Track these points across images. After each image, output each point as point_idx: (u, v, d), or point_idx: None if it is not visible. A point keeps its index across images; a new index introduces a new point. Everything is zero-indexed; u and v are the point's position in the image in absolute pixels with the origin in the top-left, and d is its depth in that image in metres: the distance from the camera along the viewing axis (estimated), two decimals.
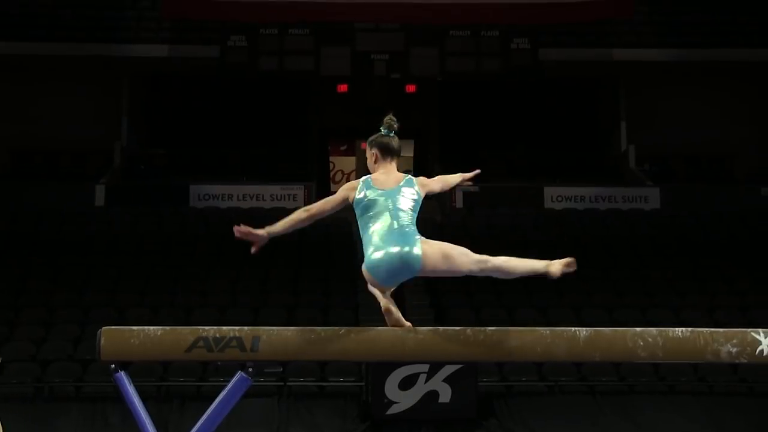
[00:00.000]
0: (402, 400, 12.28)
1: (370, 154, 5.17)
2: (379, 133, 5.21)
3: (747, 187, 19.81)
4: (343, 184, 5.29)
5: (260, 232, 4.85)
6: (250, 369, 4.83)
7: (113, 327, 4.92)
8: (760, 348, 4.80)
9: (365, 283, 5.02)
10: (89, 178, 19.60)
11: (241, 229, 4.86)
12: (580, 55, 20.32)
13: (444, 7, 19.47)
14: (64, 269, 15.72)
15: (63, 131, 20.73)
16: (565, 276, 4.95)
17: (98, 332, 4.85)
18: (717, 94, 21.65)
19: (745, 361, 4.85)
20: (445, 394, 12.27)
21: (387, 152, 5.15)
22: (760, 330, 4.84)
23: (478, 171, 5.36)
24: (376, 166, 5.15)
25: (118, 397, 5.07)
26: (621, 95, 21.43)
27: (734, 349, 4.80)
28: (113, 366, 4.86)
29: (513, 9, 19.40)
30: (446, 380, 12.28)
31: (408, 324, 4.95)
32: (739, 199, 19.05)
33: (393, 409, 12.31)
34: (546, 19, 19.73)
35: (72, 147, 21.01)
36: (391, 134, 5.19)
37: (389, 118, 5.23)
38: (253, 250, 4.89)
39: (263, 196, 19.11)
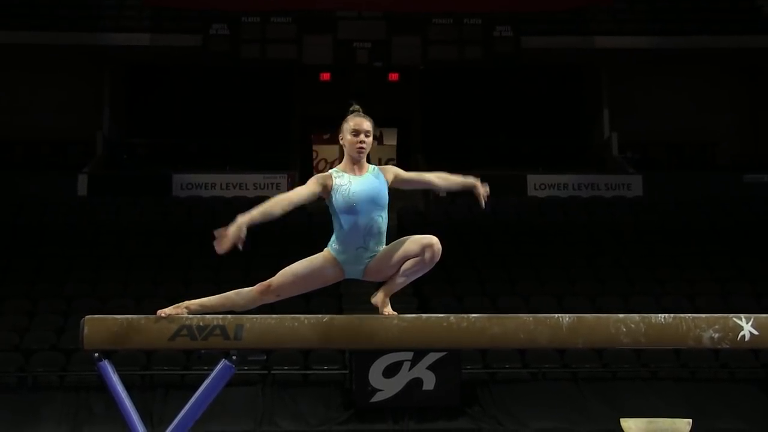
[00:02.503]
0: (386, 388, 12.31)
1: (341, 136, 5.28)
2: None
3: (729, 175, 19.88)
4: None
5: (231, 227, 4.77)
6: (234, 357, 4.83)
7: (96, 316, 4.90)
8: (741, 333, 4.83)
9: None
10: (71, 168, 19.49)
11: (216, 240, 4.79)
12: (563, 43, 20.34)
13: None
14: (46, 259, 15.66)
15: (44, 121, 20.61)
16: (547, 265, 4.94)
17: (81, 321, 4.84)
18: (699, 81, 21.74)
19: (727, 346, 4.87)
20: (429, 382, 12.31)
21: (345, 124, 5.31)
22: (741, 315, 4.87)
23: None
24: (347, 145, 5.27)
25: (102, 387, 5.04)
26: (603, 83, 21.48)
27: (716, 335, 4.82)
28: (97, 355, 4.85)
29: None
30: (430, 368, 12.32)
31: (393, 313, 4.97)
32: (720, 187, 19.12)
33: (377, 397, 12.34)
34: (528, 7, 19.74)
35: (53, 137, 20.90)
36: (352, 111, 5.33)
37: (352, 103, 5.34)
38: (238, 246, 4.83)
39: (246, 185, 19.06)
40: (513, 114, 22.41)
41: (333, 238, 5.10)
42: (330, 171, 5.10)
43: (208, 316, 4.87)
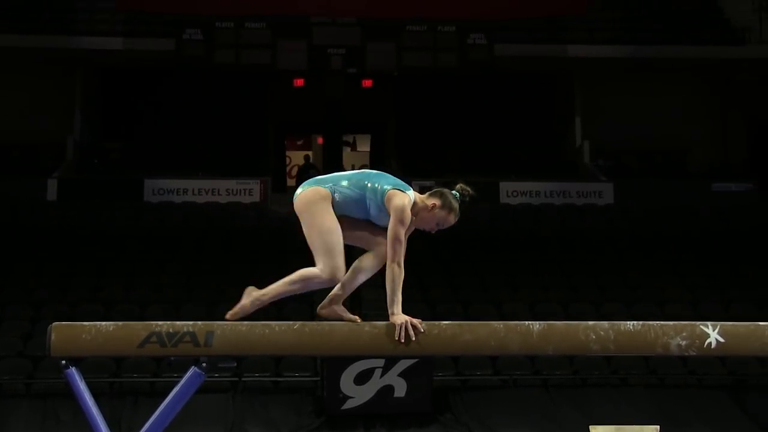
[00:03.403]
0: (357, 395, 12.29)
1: (430, 202, 5.03)
2: (452, 192, 5.08)
3: (698, 183, 20.08)
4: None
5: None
6: (204, 364, 4.81)
7: (64, 323, 4.86)
8: (708, 341, 4.87)
9: None
10: (41, 172, 19.35)
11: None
12: (536, 51, 20.44)
13: (401, 1, 19.48)
14: (14, 264, 15.50)
15: (14, 124, 20.45)
16: (519, 272, 4.97)
17: (48, 328, 4.79)
18: (670, 89, 21.93)
19: (695, 353, 4.91)
20: (401, 389, 12.30)
21: (446, 210, 5.07)
22: (708, 323, 4.91)
23: None
24: (425, 213, 5.05)
25: (70, 394, 5.00)
26: (576, 91, 21.62)
27: (684, 342, 4.86)
28: (64, 362, 4.81)
29: (469, 4, 19.47)
30: (402, 375, 12.31)
31: (355, 317, 5.02)
32: (690, 194, 19.30)
33: (348, 404, 12.31)
34: (501, 15, 19.82)
35: (24, 140, 20.74)
36: (459, 201, 5.09)
37: (464, 187, 5.13)
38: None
39: (219, 190, 19.01)
40: (486, 121, 22.49)
41: (339, 185, 5.08)
42: (411, 195, 5.03)
43: (178, 323, 4.84)
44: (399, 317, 4.76)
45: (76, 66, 20.53)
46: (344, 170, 5.26)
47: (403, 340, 4.72)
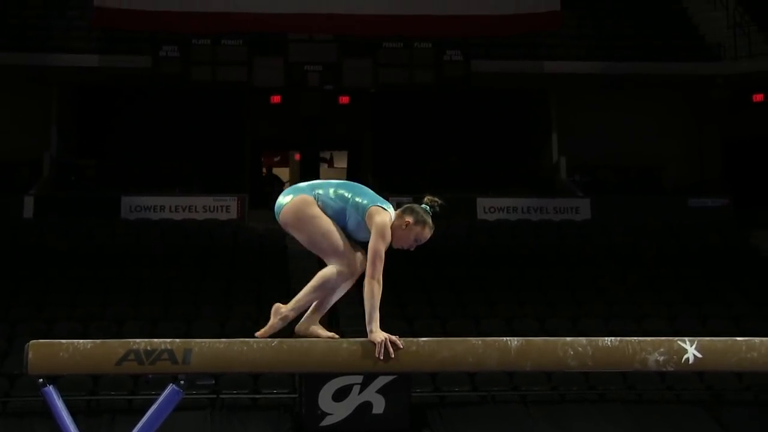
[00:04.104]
0: (336, 412, 12.26)
1: (404, 220, 5.04)
2: (421, 206, 5.11)
3: (674, 199, 20.19)
4: None
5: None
6: (182, 381, 4.80)
7: (41, 340, 4.84)
8: (686, 356, 4.90)
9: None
10: (17, 189, 19.22)
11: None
12: (512, 67, 20.53)
13: (377, 18, 19.52)
14: None
15: None
16: (497, 288, 5.00)
17: (26, 346, 4.77)
18: (647, 106, 22.08)
19: (672, 369, 4.94)
20: (379, 405, 12.28)
21: (420, 225, 5.08)
22: (686, 339, 4.94)
23: None
24: (401, 231, 5.06)
25: (47, 412, 4.96)
26: (552, 107, 21.71)
27: (661, 358, 4.89)
28: (41, 380, 4.78)
29: (445, 21, 19.53)
30: (380, 391, 12.29)
31: (332, 334, 5.03)
32: (667, 210, 19.40)
33: (327, 421, 12.28)
34: (477, 31, 19.91)
35: (0, 157, 20.62)
36: (430, 213, 5.11)
37: (432, 199, 5.15)
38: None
39: (196, 207, 18.94)
40: (463, 137, 22.56)
41: (320, 193, 5.13)
42: (392, 213, 5.08)
43: (155, 340, 4.83)
44: (378, 334, 4.77)
45: (53, 83, 20.43)
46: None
47: (382, 358, 4.73)
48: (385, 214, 5.00)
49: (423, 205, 5.12)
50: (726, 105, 21.48)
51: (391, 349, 4.74)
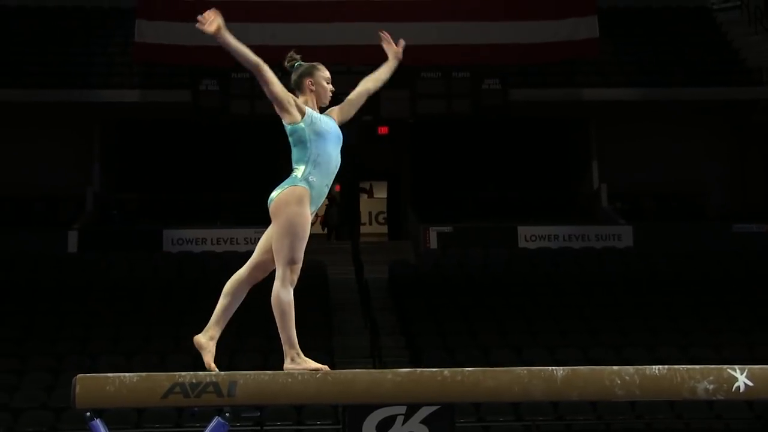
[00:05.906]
0: None
1: (306, 85, 5.37)
2: (292, 66, 5.38)
3: (718, 225, 19.96)
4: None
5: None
6: (227, 414, 4.80)
7: (88, 374, 4.86)
8: (736, 384, 4.81)
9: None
10: (61, 224, 19.47)
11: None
12: (550, 95, 20.52)
13: (415, 48, 19.51)
14: (36, 316, 15.56)
15: (34, 177, 20.62)
16: (539, 317, 4.95)
17: (73, 380, 4.79)
18: (688, 131, 21.90)
19: (722, 397, 4.85)
20: None
21: (311, 75, 5.37)
22: (736, 367, 4.86)
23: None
24: (313, 94, 5.42)
25: None
26: (591, 134, 21.63)
27: (711, 386, 4.80)
28: (89, 414, 4.80)
29: (482, 50, 19.56)
30: (423, 421, 12.18)
31: (323, 366, 4.92)
32: (710, 237, 19.19)
33: None
34: (515, 60, 19.93)
35: (44, 193, 20.89)
36: (298, 63, 5.36)
37: (290, 55, 5.41)
38: None
39: (237, 239, 19.04)
40: (502, 165, 22.52)
41: (305, 170, 5.16)
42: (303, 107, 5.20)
43: (200, 373, 4.84)
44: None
45: (95, 119, 20.72)
46: (361, 217, 5.29)
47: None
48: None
49: (291, 64, 5.35)
50: None
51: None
